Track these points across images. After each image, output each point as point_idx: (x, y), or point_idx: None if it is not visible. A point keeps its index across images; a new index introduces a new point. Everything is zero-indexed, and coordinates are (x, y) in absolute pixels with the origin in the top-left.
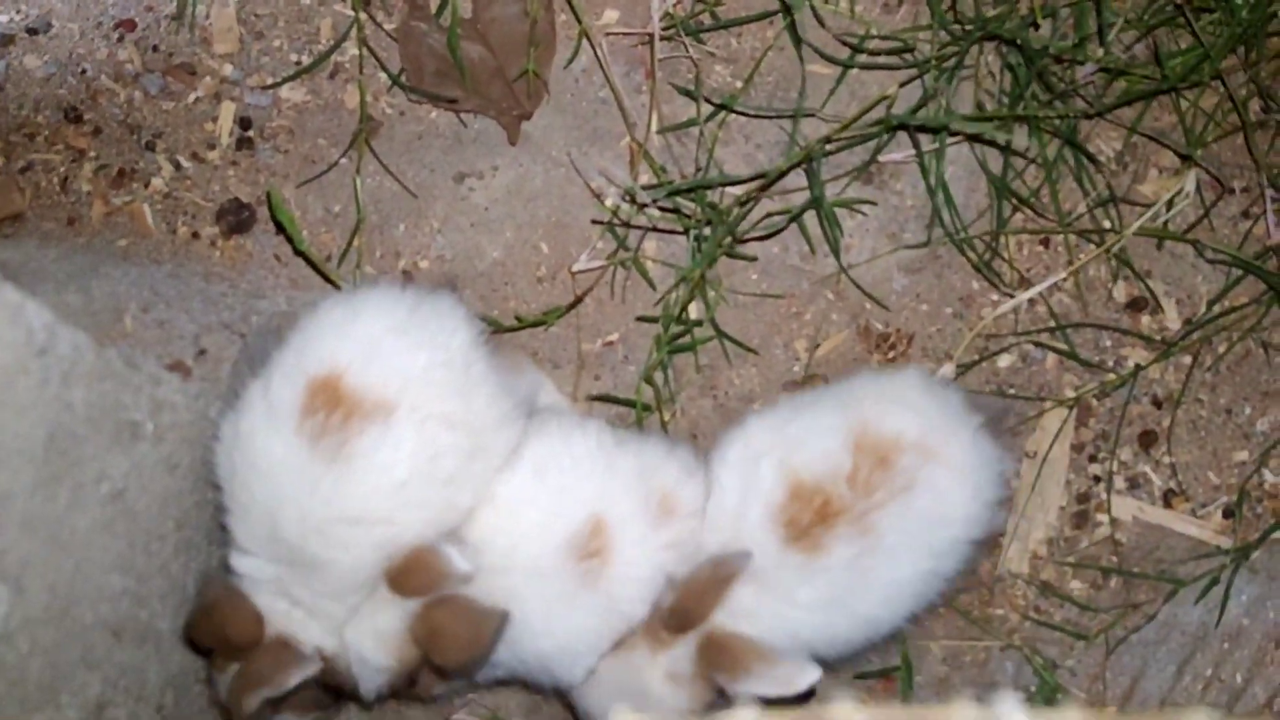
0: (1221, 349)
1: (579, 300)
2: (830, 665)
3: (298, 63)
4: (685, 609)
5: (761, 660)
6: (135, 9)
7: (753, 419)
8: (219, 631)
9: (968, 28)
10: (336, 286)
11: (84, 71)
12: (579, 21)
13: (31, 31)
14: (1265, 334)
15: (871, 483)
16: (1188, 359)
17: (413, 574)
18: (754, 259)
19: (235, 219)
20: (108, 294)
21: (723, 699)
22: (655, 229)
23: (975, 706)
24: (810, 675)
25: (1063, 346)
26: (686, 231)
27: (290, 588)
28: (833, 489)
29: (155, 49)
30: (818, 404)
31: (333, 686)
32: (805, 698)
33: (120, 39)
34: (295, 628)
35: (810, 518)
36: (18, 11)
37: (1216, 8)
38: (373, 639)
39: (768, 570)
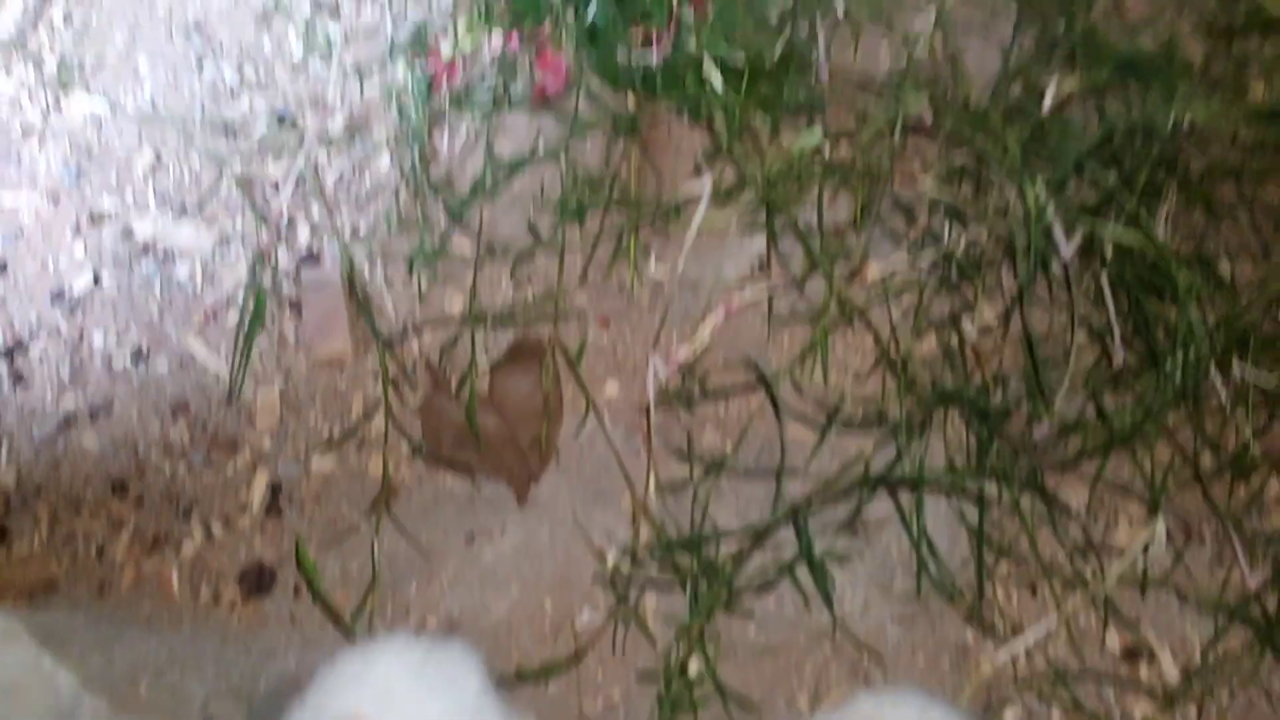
0: (1225, 699)
1: (578, 659)
2: None
3: (329, 437)
4: None
5: None
6: (190, 392)
7: None
8: None
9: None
10: (351, 635)
11: (136, 449)
12: (585, 394)
13: (93, 415)
14: (1265, 682)
15: None
16: (1194, 708)
17: None
18: (751, 613)
19: (256, 581)
20: (128, 660)
21: None
22: (653, 578)
23: None
24: None
25: (1065, 697)
26: (684, 584)
27: None
28: None
29: (204, 427)
30: None
31: None
32: None
33: (174, 419)
34: None
35: None
36: (83, 396)
37: (1153, 368)
38: None
39: None
